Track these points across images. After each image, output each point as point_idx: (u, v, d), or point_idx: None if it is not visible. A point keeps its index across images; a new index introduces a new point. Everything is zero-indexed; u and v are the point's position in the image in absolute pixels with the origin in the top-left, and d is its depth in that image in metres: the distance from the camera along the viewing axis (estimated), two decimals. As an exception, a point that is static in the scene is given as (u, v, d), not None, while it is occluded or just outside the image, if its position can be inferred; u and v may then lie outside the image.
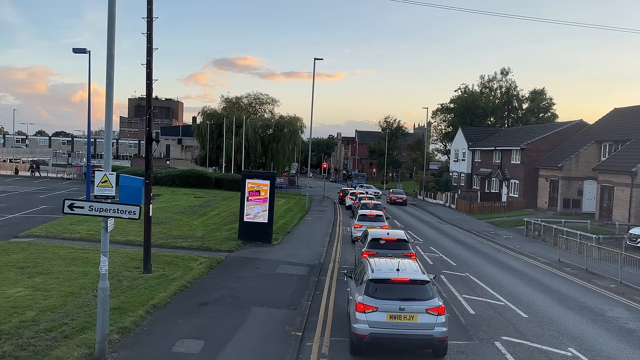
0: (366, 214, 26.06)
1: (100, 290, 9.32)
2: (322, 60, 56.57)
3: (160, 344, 9.96)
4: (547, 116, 77.72)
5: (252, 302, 13.25)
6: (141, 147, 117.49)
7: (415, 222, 38.19)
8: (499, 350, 10.96)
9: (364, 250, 16.16)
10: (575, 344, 11.61)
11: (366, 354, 10.18)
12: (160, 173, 50.02)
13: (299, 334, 11.08)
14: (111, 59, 9.50)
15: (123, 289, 13.29)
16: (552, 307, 14.92)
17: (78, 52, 27.98)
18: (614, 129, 40.22)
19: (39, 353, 8.93)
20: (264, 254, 20.30)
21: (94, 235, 20.79)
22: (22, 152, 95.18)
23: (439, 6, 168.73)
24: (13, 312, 10.97)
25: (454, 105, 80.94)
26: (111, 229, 9.52)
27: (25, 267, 15.07)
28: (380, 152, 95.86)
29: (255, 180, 22.71)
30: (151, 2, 15.05)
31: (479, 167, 56.55)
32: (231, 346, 10.13)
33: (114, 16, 9.68)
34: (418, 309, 9.82)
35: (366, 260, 11.86)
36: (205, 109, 71.11)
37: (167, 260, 17.17)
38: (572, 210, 39.22)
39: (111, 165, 9.79)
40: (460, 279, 18.18)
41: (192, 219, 28.90)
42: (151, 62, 15.21)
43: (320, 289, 15.57)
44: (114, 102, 10.00)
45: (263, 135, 68.02)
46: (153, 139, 15.84)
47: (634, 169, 31.21)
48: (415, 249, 21.61)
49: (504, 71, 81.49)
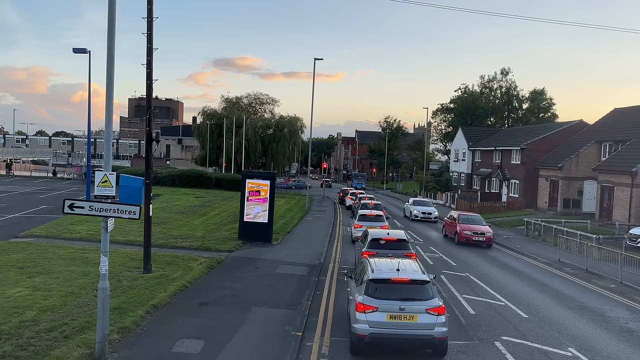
0: (366, 214, 26.07)
1: (100, 290, 9.32)
2: (322, 60, 56.81)
3: (160, 344, 9.95)
4: (547, 116, 77.68)
5: (252, 302, 13.25)
6: (141, 147, 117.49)
7: (415, 221, 38.16)
8: (499, 350, 10.96)
9: (364, 250, 16.15)
10: (575, 344, 11.61)
11: (366, 354, 10.17)
12: (160, 173, 50.02)
13: (299, 334, 11.08)
14: (111, 59, 9.50)
15: (123, 289, 13.29)
16: (552, 307, 14.92)
17: (78, 52, 27.98)
18: (614, 129, 40.21)
19: (39, 353, 8.93)
20: (264, 254, 20.29)
21: (94, 235, 20.78)
22: (22, 152, 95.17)
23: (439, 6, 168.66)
24: (13, 312, 10.97)
25: (454, 105, 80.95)
26: (111, 229, 9.52)
27: (25, 267, 15.06)
28: (380, 152, 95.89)
29: (255, 180, 22.70)
30: (151, 2, 15.05)
31: (479, 167, 56.53)
32: (231, 346, 10.13)
33: (114, 16, 9.68)
34: (418, 309, 9.82)
35: (366, 260, 11.86)
36: (205, 109, 71.23)
37: (167, 260, 17.17)
38: (572, 210, 39.21)
39: (111, 165, 9.78)
40: (460, 279, 18.17)
41: (192, 219, 28.89)
42: (151, 62, 15.20)
43: (320, 289, 15.57)
44: (114, 102, 10.00)
45: (263, 135, 68.05)
46: (153, 139, 15.83)
47: (634, 169, 31.20)
48: (415, 249, 21.61)
49: (504, 71, 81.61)
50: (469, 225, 26.82)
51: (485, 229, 26.57)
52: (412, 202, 40.62)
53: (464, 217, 28.14)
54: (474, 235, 26.21)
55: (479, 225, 26.97)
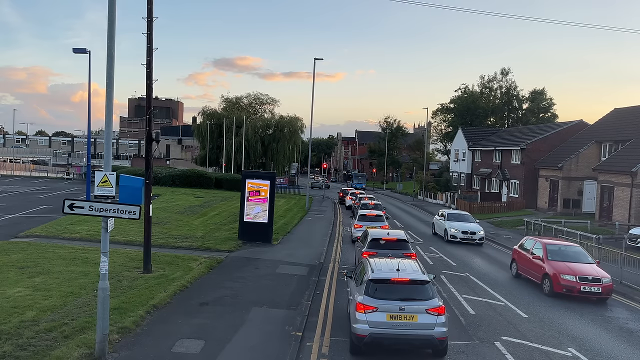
0: (366, 214, 26.08)
1: (100, 290, 9.32)
2: (322, 60, 56.79)
3: (160, 344, 9.95)
4: (547, 116, 77.66)
5: (252, 302, 13.25)
6: (141, 147, 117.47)
7: (416, 222, 38.19)
8: (499, 350, 10.96)
9: (364, 250, 16.16)
10: (575, 344, 11.61)
11: (366, 354, 10.17)
12: (160, 173, 50.03)
13: (299, 334, 11.08)
14: (111, 59, 9.50)
15: (123, 289, 13.29)
16: (552, 307, 14.91)
17: (78, 52, 27.98)
18: (614, 129, 40.21)
19: (39, 353, 8.93)
20: (264, 254, 20.29)
21: (94, 235, 20.78)
22: (22, 152, 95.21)
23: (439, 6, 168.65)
24: (13, 312, 10.97)
25: (454, 105, 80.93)
26: (111, 229, 9.52)
27: (25, 267, 15.07)
28: (380, 152, 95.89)
29: (255, 181, 22.71)
30: (151, 2, 15.05)
31: (479, 167, 56.54)
32: (231, 346, 10.13)
33: (114, 16, 9.68)
34: (418, 309, 9.82)
35: (366, 260, 11.86)
36: (205, 109, 71.25)
37: (167, 260, 17.17)
38: (572, 210, 39.21)
39: (111, 165, 9.78)
40: (460, 279, 18.17)
41: (192, 219, 28.89)
42: (151, 62, 15.20)
43: (320, 289, 15.57)
44: (114, 102, 10.01)
45: (263, 135, 68.07)
46: (153, 139, 15.83)
47: (634, 169, 31.20)
48: (415, 249, 21.61)
49: (504, 71, 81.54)
50: (569, 265, 16.35)
51: (597, 271, 16.10)
52: (445, 215, 28.86)
53: (555, 249, 17.42)
54: (582, 283, 15.66)
55: (584, 265, 16.45)
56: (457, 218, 28.37)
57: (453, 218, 28.36)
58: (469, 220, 28.21)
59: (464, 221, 27.83)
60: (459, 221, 27.75)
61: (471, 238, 26.49)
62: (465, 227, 26.89)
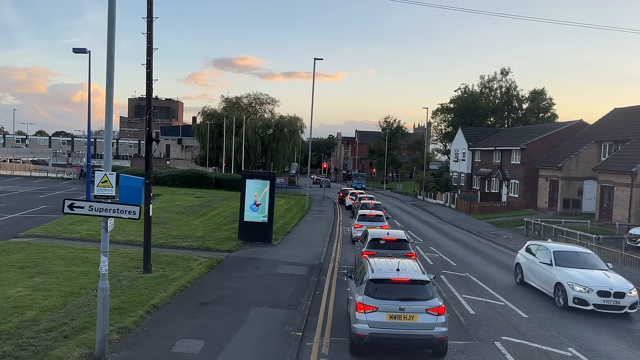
0: (366, 214, 26.08)
1: (100, 290, 9.32)
2: (321, 60, 56.78)
3: (160, 344, 9.95)
4: (547, 116, 77.68)
5: (252, 302, 13.25)
6: (141, 147, 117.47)
7: (415, 222, 38.20)
8: (499, 350, 10.96)
9: (364, 250, 16.17)
10: (575, 344, 11.61)
11: (366, 354, 10.17)
12: (160, 173, 50.03)
13: (299, 334, 11.08)
14: (111, 59, 9.50)
15: (123, 289, 13.29)
16: (552, 307, 14.91)
17: (78, 52, 27.98)
18: (614, 129, 40.20)
19: (39, 353, 8.93)
20: (264, 254, 20.29)
21: (94, 235, 20.78)
22: (22, 152, 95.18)
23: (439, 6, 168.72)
24: (13, 312, 10.97)
25: (454, 105, 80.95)
26: (111, 229, 9.52)
27: (25, 267, 15.06)
28: (380, 152, 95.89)
29: (255, 180, 22.72)
30: (151, 2, 15.05)
31: (479, 167, 56.55)
32: (231, 346, 10.13)
33: (114, 16, 9.68)
34: (418, 309, 9.82)
35: (366, 260, 11.87)
36: (205, 109, 71.29)
37: (167, 260, 17.17)
38: (572, 210, 39.21)
39: (111, 165, 9.78)
40: (460, 279, 18.17)
41: (192, 219, 28.89)
42: (151, 62, 15.21)
43: (320, 289, 15.57)
44: (114, 102, 10.01)
45: (263, 135, 68.08)
46: (153, 139, 15.83)
47: (634, 169, 31.19)
48: (415, 249, 21.62)
49: (504, 71, 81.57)
50: None
51: None
52: (552, 254, 15.97)
53: None
54: None
55: None
56: (576, 261, 15.72)
57: (568, 261, 15.69)
58: (597, 263, 15.80)
59: (589, 267, 15.40)
60: (580, 267, 15.33)
61: (616, 304, 14.00)
62: (602, 283, 14.33)
